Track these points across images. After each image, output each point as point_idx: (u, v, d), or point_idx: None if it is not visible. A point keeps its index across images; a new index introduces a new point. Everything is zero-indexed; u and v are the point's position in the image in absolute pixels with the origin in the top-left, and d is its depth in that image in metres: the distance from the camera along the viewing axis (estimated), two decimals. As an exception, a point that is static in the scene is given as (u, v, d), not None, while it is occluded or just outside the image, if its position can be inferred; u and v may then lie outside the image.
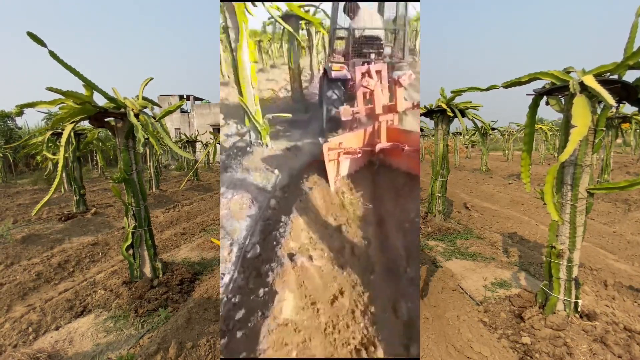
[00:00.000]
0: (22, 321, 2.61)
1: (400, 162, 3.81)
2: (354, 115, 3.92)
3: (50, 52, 2.14)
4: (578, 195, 2.16)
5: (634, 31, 1.86)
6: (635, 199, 5.88)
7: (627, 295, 2.75)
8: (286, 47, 7.29)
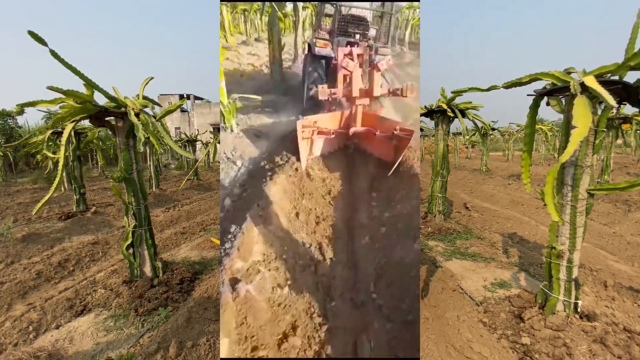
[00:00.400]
0: (22, 320, 2.62)
1: (374, 148, 3.79)
2: (331, 96, 3.86)
3: (51, 51, 2.14)
4: (578, 196, 2.16)
5: (635, 32, 1.86)
6: (635, 200, 5.88)
7: (627, 296, 2.75)
8: (266, 20, 7.07)
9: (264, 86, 6.47)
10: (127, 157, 2.96)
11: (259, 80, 6.95)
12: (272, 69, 6.66)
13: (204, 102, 25.07)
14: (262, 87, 6.31)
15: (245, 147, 4.11)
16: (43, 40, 2.11)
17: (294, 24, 8.40)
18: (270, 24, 6.22)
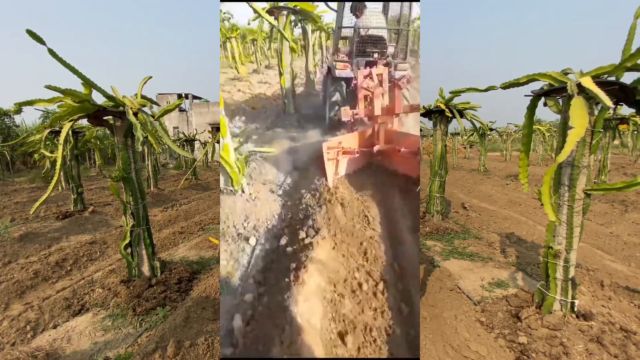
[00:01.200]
0: (20, 319, 2.61)
1: (398, 165, 3.82)
2: (353, 117, 3.97)
3: (49, 50, 2.13)
4: (575, 196, 2.18)
5: (632, 33, 1.87)
6: (632, 200, 5.92)
7: (623, 295, 2.77)
8: (274, 47, 7.00)
9: (278, 119, 6.16)
10: (126, 156, 2.96)
11: (271, 112, 6.73)
12: (285, 101, 6.42)
13: (202, 102, 25.01)
14: (276, 121, 6.03)
15: (260, 212, 3.14)
16: (41, 39, 2.10)
17: (303, 48, 8.28)
18: (278, 52, 6.13)
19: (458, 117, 4.58)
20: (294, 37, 6.18)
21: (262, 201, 3.31)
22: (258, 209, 3.19)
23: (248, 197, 3.31)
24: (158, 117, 3.12)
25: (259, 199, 3.34)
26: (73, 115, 2.68)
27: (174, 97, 24.64)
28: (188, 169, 13.17)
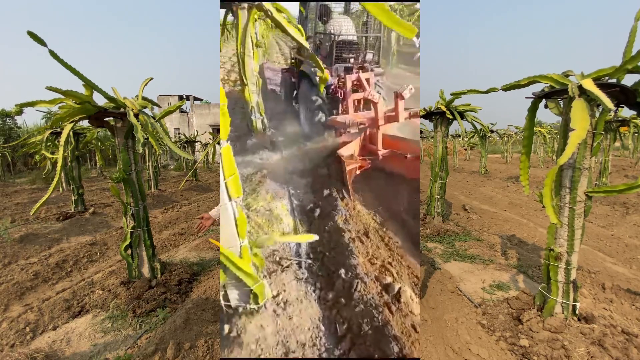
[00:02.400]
0: (19, 321, 2.60)
1: (403, 169, 3.78)
2: (358, 125, 3.99)
3: (50, 51, 2.14)
4: (576, 198, 2.17)
5: (633, 35, 1.87)
6: (633, 202, 5.90)
7: (624, 298, 2.76)
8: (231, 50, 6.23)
9: (246, 142, 5.00)
10: (126, 157, 2.96)
11: (238, 132, 5.29)
12: (252, 118, 5.11)
13: (203, 103, 25.04)
14: (244, 146, 4.92)
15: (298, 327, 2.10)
16: (42, 41, 2.11)
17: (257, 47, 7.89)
18: (240, 57, 4.72)
19: (459, 119, 4.58)
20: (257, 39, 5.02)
21: (294, 304, 2.21)
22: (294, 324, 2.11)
23: (276, 307, 2.18)
24: (159, 119, 3.12)
25: (290, 303, 2.23)
26: (74, 117, 2.69)
27: (175, 98, 24.69)
28: (189, 170, 13.18)
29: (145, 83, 3.27)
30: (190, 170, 10.15)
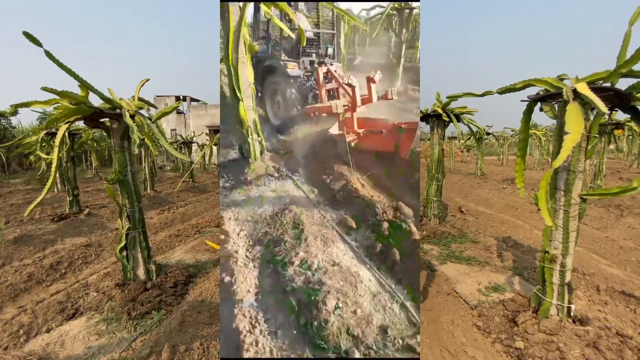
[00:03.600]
0: (13, 323, 2.58)
1: (379, 145, 4.16)
2: (337, 110, 4.26)
3: (46, 52, 2.12)
4: (571, 201, 2.19)
5: (627, 40, 1.89)
6: (627, 205, 5.96)
7: (619, 300, 2.78)
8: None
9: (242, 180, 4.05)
10: (122, 158, 2.94)
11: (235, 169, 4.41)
12: (250, 141, 4.21)
13: (200, 104, 24.97)
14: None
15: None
16: (38, 41, 2.09)
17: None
18: (233, 65, 3.97)
19: (455, 122, 4.60)
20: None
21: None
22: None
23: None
24: (155, 120, 3.11)
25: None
26: (69, 117, 2.67)
27: (171, 99, 24.61)
28: (185, 172, 13.13)
29: (141, 84, 3.26)
30: (187, 172, 10.11)
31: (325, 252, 2.73)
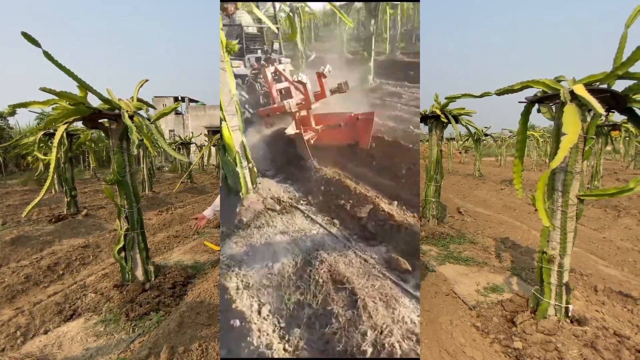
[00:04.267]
0: (10, 324, 2.56)
1: (339, 138, 4.16)
2: (294, 108, 4.17)
3: (44, 52, 2.12)
4: (568, 202, 2.20)
5: (623, 42, 1.90)
6: (624, 206, 5.99)
7: (616, 300, 2.79)
8: None
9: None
10: (121, 159, 2.94)
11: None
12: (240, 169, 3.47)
13: (198, 105, 24.93)
14: None
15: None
16: (37, 42, 2.09)
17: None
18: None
19: (453, 123, 4.62)
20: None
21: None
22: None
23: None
24: (154, 121, 3.11)
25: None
26: (68, 118, 2.67)
27: (170, 100, 24.56)
28: (184, 172, 13.10)
29: (140, 84, 3.25)
30: (186, 172, 10.10)
31: (395, 319, 2.01)
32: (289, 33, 6.16)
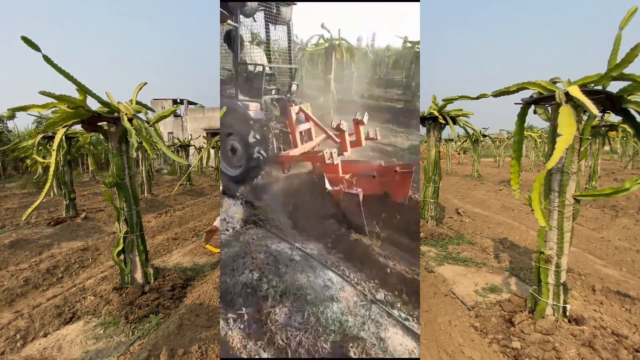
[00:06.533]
0: (9, 328, 2.56)
1: (369, 188, 3.63)
2: (336, 160, 3.79)
3: (44, 56, 2.13)
4: (565, 202, 2.22)
5: (617, 44, 1.93)
6: (622, 205, 6.01)
7: (614, 300, 2.81)
8: None
9: None
10: (120, 162, 2.94)
11: None
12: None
13: (197, 107, 24.94)
14: None
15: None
16: (37, 46, 2.10)
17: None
18: None
19: (451, 124, 4.65)
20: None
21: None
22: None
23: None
24: (153, 123, 3.12)
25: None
26: (67, 121, 2.68)
27: (168, 102, 24.56)
28: (182, 175, 13.10)
29: (139, 88, 3.27)
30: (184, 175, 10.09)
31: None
32: (311, 71, 5.61)
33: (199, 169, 16.49)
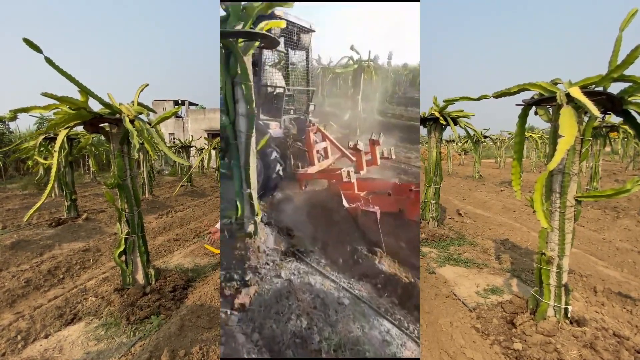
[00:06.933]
0: (10, 329, 2.57)
1: (383, 206, 3.55)
2: (353, 178, 3.87)
3: (46, 58, 2.14)
4: (566, 203, 2.21)
5: (618, 45, 1.93)
6: (624, 207, 6.00)
7: (616, 301, 2.80)
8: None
9: None
10: (121, 163, 2.95)
11: None
12: None
13: (198, 108, 24.98)
14: None
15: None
16: (39, 48, 2.11)
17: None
18: None
19: (452, 125, 4.64)
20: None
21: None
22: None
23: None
24: (155, 125, 3.12)
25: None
26: (69, 123, 2.68)
27: (170, 103, 24.60)
28: (183, 176, 13.12)
29: (141, 89, 3.27)
30: (185, 176, 10.10)
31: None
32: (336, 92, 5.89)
33: (200, 169, 16.51)
